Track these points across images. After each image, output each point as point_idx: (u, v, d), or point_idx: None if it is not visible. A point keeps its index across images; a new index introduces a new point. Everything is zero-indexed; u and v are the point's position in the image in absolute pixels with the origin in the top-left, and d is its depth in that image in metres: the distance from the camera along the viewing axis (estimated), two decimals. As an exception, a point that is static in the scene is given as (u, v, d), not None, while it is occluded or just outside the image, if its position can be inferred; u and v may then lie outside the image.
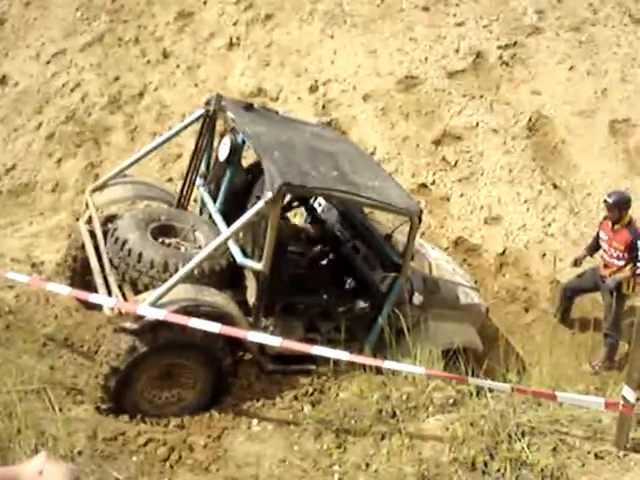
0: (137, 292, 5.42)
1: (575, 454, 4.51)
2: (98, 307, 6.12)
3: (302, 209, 7.63)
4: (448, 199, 9.48)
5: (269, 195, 5.20)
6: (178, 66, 11.38)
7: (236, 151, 6.33)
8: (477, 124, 9.99)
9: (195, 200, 7.18)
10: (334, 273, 6.79)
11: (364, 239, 6.78)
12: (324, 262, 7.03)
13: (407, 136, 10.02)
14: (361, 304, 6.32)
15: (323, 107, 10.49)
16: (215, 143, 6.67)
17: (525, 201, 9.31)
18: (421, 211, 6.14)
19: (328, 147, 6.42)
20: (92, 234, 5.99)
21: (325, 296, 6.42)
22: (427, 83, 10.44)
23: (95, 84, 11.39)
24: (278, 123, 6.64)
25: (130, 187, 6.57)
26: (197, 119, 6.53)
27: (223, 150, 6.33)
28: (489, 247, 9.04)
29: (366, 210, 7.36)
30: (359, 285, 6.55)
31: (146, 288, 5.36)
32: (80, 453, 4.54)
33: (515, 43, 10.65)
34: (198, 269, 5.33)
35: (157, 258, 5.44)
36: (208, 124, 6.47)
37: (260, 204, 5.24)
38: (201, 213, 6.79)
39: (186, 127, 6.71)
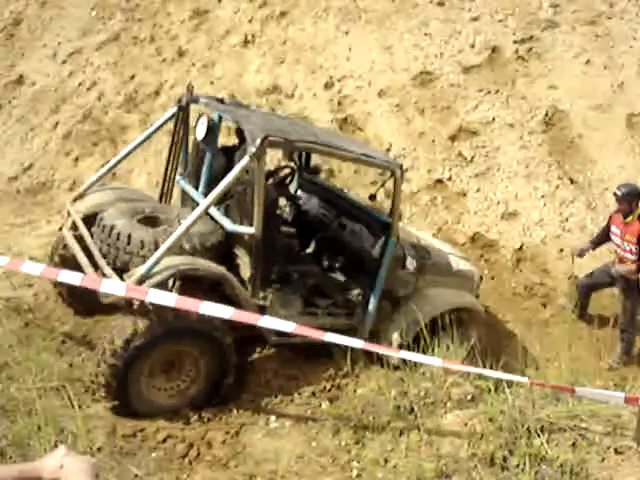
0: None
1: (595, 449, 4.49)
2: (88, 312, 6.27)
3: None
4: (464, 194, 9.45)
5: (252, 149, 5.19)
6: (193, 64, 11.42)
7: (213, 129, 6.30)
8: (493, 119, 9.95)
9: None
10: (324, 255, 6.79)
11: (349, 214, 6.80)
12: (312, 246, 7.00)
13: (423, 132, 9.99)
14: (355, 279, 6.37)
15: (338, 103, 10.48)
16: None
17: (542, 196, 9.26)
18: (402, 165, 6.20)
19: (305, 125, 6.60)
20: (76, 238, 5.91)
21: (318, 273, 6.43)
22: (442, 78, 10.40)
23: (111, 83, 11.46)
24: (253, 111, 6.77)
25: (110, 192, 6.51)
26: (172, 117, 6.52)
27: (200, 130, 6.28)
28: (506, 243, 9.00)
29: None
30: (352, 260, 6.53)
31: None
32: (99, 450, 4.57)
33: (531, 37, 10.58)
34: (189, 244, 5.32)
35: (147, 237, 5.35)
36: (182, 117, 6.46)
37: (245, 159, 5.23)
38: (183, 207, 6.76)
39: (161, 126, 6.67)
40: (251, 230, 5.41)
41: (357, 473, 4.64)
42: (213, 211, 5.71)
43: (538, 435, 4.55)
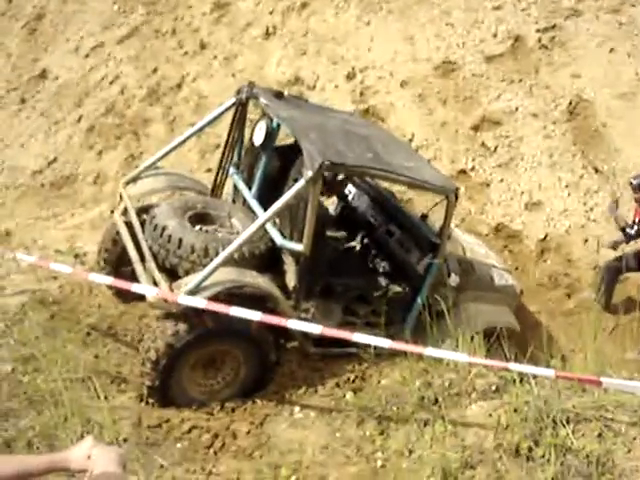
0: (177, 279, 5.41)
1: (621, 440, 4.46)
2: (135, 298, 6.23)
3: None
4: (488, 185, 9.39)
5: (309, 174, 5.17)
6: (215, 57, 11.42)
7: (271, 135, 6.31)
8: (516, 109, 9.88)
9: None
10: (368, 258, 6.76)
11: (398, 223, 6.74)
12: (358, 248, 6.99)
13: (445, 122, 9.94)
14: (397, 287, 6.32)
15: (360, 94, 10.45)
16: (247, 132, 6.67)
17: (566, 186, 9.19)
18: (457, 189, 6.10)
19: (360, 131, 6.41)
20: (128, 225, 6.01)
21: (361, 280, 6.41)
22: (465, 68, 10.34)
23: (133, 76, 11.50)
24: (309, 109, 6.66)
25: (163, 178, 6.58)
26: (229, 108, 6.52)
27: (258, 135, 6.30)
28: (530, 233, 8.94)
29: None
30: (395, 269, 6.52)
31: (187, 274, 5.34)
32: (125, 440, 4.61)
33: (554, 26, 10.48)
34: (238, 253, 5.33)
35: (197, 243, 5.42)
36: (240, 112, 6.46)
37: (301, 183, 5.21)
38: (234, 202, 6.78)
39: (218, 116, 6.67)
40: (300, 247, 5.43)
41: (381, 464, 4.64)
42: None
43: (564, 426, 4.52)
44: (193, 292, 5.00)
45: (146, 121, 10.86)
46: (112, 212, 6.51)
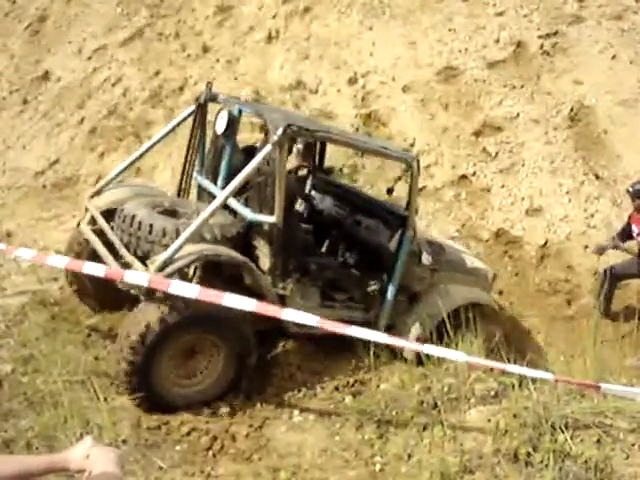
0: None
1: (619, 446, 4.46)
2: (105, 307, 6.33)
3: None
4: (489, 190, 9.40)
5: (275, 137, 5.28)
6: (218, 60, 11.45)
7: (233, 123, 6.31)
8: (518, 114, 9.89)
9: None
10: (340, 252, 6.78)
11: (364, 211, 6.81)
12: (327, 244, 7.01)
13: (447, 127, 9.96)
14: (371, 275, 6.36)
15: (362, 99, 10.48)
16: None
17: (567, 192, 9.20)
18: (418, 158, 6.23)
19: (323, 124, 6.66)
20: (95, 233, 5.95)
21: (335, 263, 6.49)
22: (467, 74, 10.36)
23: (136, 79, 11.52)
24: (274, 108, 6.87)
25: (127, 189, 6.55)
26: (190, 114, 6.56)
27: (220, 123, 6.30)
28: (530, 239, 8.95)
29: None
30: (368, 256, 6.54)
31: None
32: (125, 442, 4.61)
33: (556, 32, 10.51)
34: (210, 234, 5.34)
35: (169, 226, 5.35)
36: (201, 115, 6.50)
37: (267, 147, 5.31)
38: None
39: (179, 123, 6.70)
40: (272, 219, 5.47)
41: (380, 468, 4.65)
42: (233, 202, 5.73)
43: (562, 431, 4.52)
44: (167, 263, 4.94)
45: (148, 123, 10.88)
46: (78, 225, 6.45)
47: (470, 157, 9.67)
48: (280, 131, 5.29)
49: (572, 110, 9.80)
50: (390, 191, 6.72)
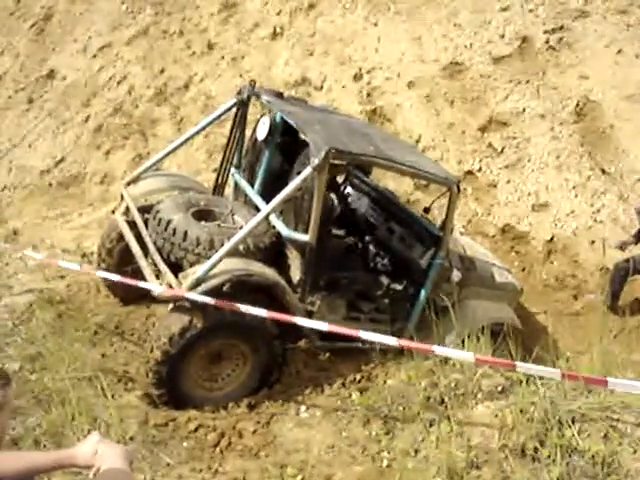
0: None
1: (627, 441, 4.45)
2: (135, 298, 6.38)
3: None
4: (495, 186, 9.39)
5: (316, 161, 5.21)
6: (223, 57, 11.45)
7: (274, 130, 6.33)
8: (524, 110, 9.86)
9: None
10: (369, 258, 6.76)
11: (399, 220, 6.77)
12: (360, 247, 6.99)
13: (452, 123, 9.94)
14: (399, 285, 6.31)
15: (367, 95, 10.46)
16: (248, 132, 6.70)
17: (573, 187, 9.17)
18: (459, 181, 6.18)
19: (360, 128, 6.54)
20: (129, 225, 6.01)
21: (364, 276, 6.42)
22: (472, 69, 10.33)
23: (141, 76, 11.53)
24: (309, 107, 6.78)
25: (164, 179, 6.61)
26: (230, 108, 6.55)
27: (262, 130, 6.33)
28: (537, 234, 8.93)
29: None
30: (398, 267, 6.51)
31: (192, 267, 5.32)
32: (132, 439, 4.62)
33: (561, 27, 10.46)
34: (243, 245, 5.34)
35: (203, 235, 5.42)
36: (241, 112, 6.50)
37: (307, 171, 5.25)
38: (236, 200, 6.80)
39: (220, 116, 6.72)
40: (306, 238, 5.46)
41: (387, 463, 4.65)
42: (271, 216, 5.74)
43: (569, 426, 4.51)
44: (200, 281, 5.00)
45: (153, 121, 10.89)
46: (113, 212, 6.49)
47: (476, 153, 9.65)
48: (322, 155, 5.22)
49: (578, 105, 9.76)
50: (427, 210, 6.69)
